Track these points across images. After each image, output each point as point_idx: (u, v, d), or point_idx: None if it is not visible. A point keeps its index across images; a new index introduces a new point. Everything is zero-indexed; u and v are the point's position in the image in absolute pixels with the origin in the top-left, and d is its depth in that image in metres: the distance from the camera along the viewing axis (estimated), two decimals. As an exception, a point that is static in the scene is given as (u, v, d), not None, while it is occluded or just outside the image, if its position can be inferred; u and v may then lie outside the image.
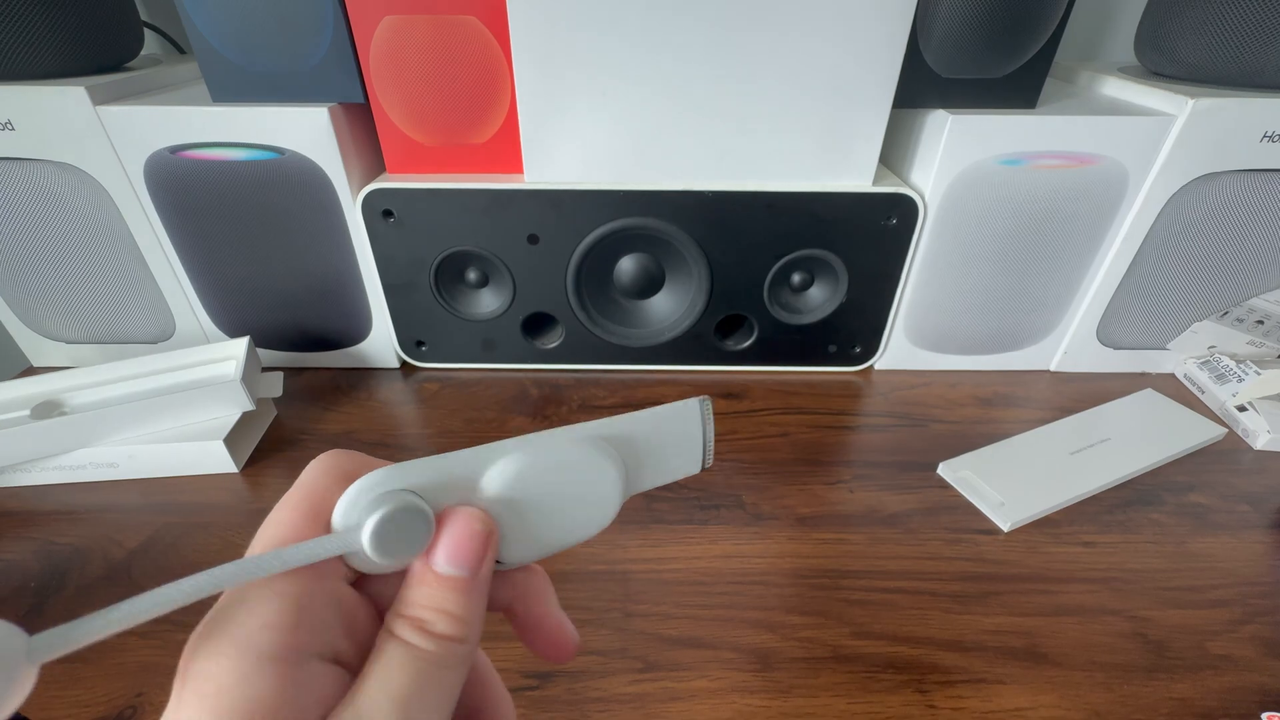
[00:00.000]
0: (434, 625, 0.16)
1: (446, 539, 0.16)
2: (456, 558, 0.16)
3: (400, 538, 0.16)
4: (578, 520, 0.19)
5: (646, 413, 0.20)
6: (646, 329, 0.55)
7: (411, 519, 0.16)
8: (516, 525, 0.18)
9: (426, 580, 0.16)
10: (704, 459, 0.21)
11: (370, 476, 0.16)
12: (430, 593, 0.16)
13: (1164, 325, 0.54)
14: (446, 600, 0.16)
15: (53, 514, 0.42)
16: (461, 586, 0.16)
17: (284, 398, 0.50)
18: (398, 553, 0.16)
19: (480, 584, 0.17)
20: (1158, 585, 0.38)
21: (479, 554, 0.16)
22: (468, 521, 0.17)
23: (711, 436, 0.20)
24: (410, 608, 0.16)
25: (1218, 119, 0.44)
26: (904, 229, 0.49)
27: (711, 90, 0.44)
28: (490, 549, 0.17)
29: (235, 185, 0.47)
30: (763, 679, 0.33)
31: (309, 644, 0.14)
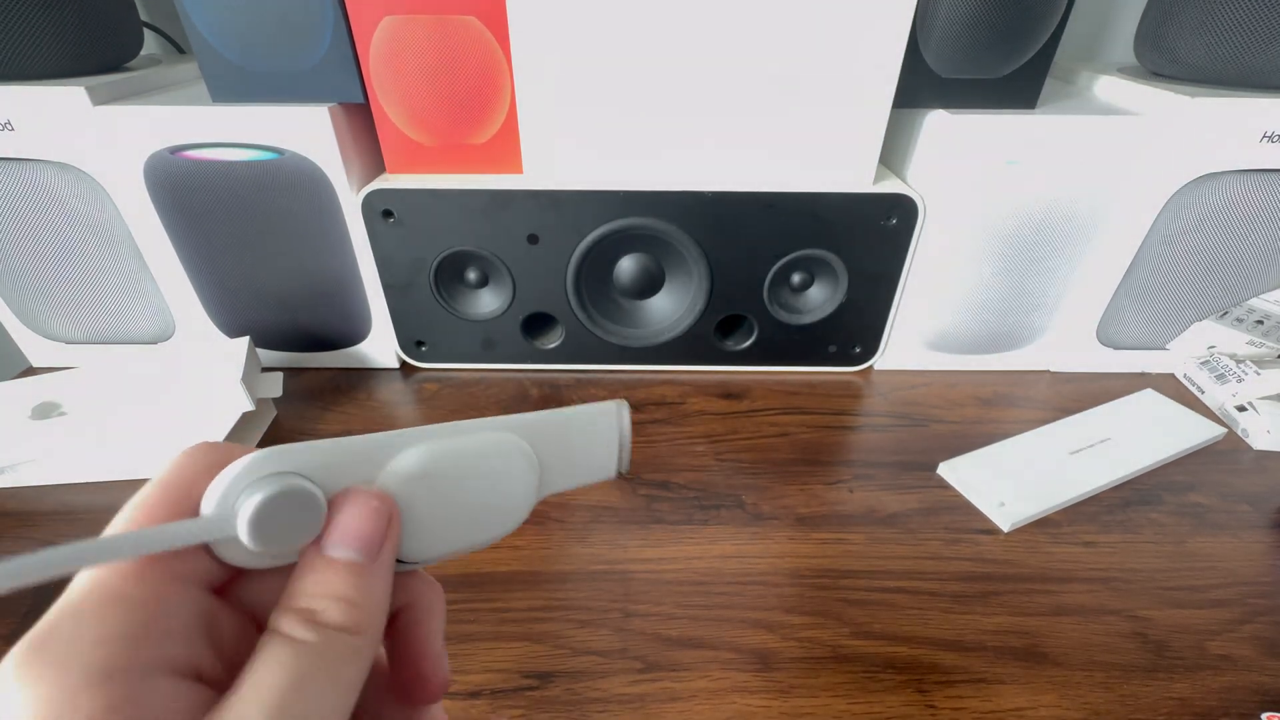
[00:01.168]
0: (324, 614, 0.14)
1: (341, 519, 0.15)
2: (352, 539, 0.14)
3: (285, 524, 0.14)
4: (486, 516, 0.17)
5: (563, 411, 0.19)
6: (646, 329, 0.55)
7: (299, 503, 0.14)
8: (419, 517, 0.16)
9: (315, 567, 0.14)
10: (619, 464, 0.20)
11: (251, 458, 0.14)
12: (320, 579, 0.14)
13: (1164, 325, 0.54)
14: (339, 585, 0.14)
15: (53, 514, 0.42)
16: (357, 570, 0.14)
17: (284, 398, 0.50)
18: (281, 540, 0.14)
19: (380, 570, 0.15)
20: (1158, 585, 0.38)
21: (378, 535, 0.15)
22: (365, 499, 0.15)
23: (629, 442, 0.19)
24: (296, 599, 0.14)
25: (1218, 119, 0.44)
26: (904, 229, 0.49)
27: (711, 90, 0.44)
28: (391, 533, 0.15)
29: (235, 185, 0.47)
30: (763, 679, 0.33)
31: (156, 659, 0.12)
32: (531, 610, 0.36)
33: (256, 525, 0.14)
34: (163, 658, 0.12)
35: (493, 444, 0.17)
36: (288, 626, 0.13)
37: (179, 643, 0.13)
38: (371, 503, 0.15)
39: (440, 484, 0.16)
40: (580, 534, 0.40)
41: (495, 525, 0.18)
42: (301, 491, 0.14)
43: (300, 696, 0.12)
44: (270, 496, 0.14)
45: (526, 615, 0.36)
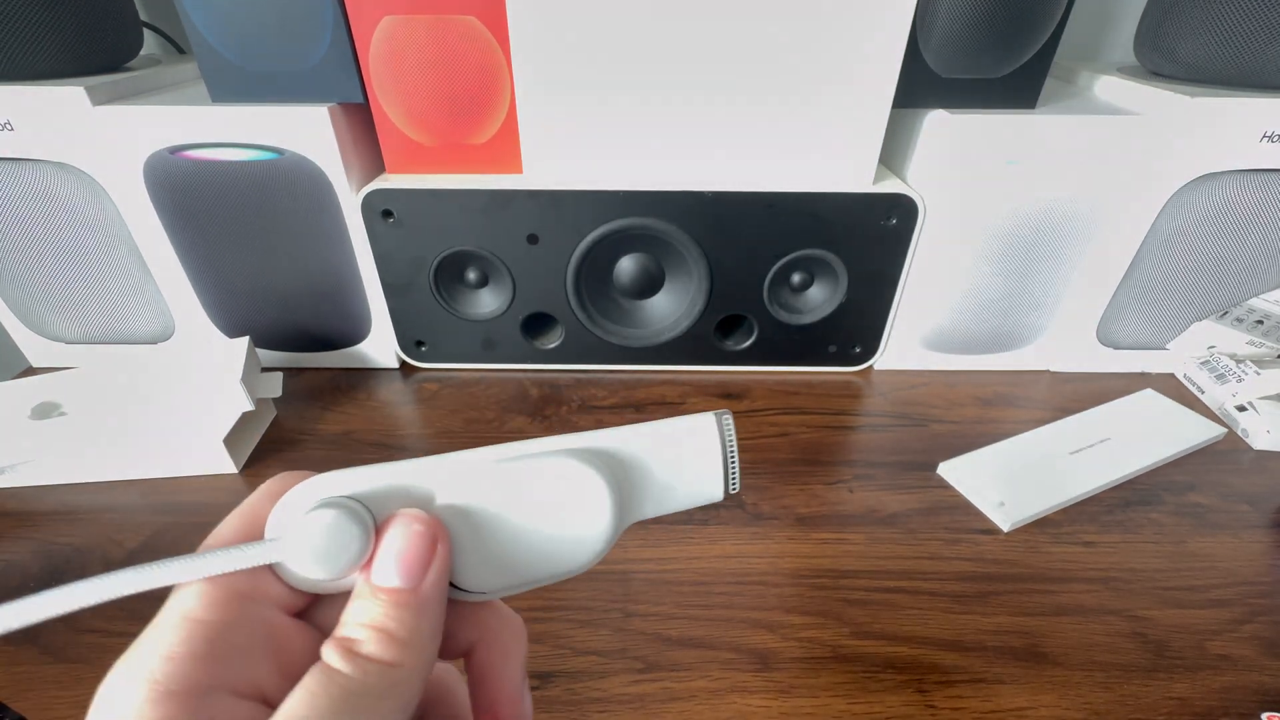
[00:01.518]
0: (363, 645, 0.13)
1: (385, 544, 0.14)
2: (395, 565, 0.14)
3: (333, 547, 0.14)
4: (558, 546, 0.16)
5: (651, 426, 0.17)
6: (646, 329, 0.55)
7: (346, 526, 0.14)
8: (478, 543, 0.15)
9: (361, 593, 0.14)
10: (727, 483, 0.18)
11: (308, 483, 0.15)
12: (363, 606, 0.14)
13: (1164, 325, 0.54)
14: (381, 615, 0.14)
15: (52, 514, 0.42)
16: (401, 600, 0.14)
17: (284, 398, 0.50)
18: (331, 564, 0.14)
19: (426, 600, 0.14)
20: (1158, 585, 0.38)
21: (421, 561, 0.14)
22: (409, 522, 0.15)
23: (735, 457, 0.17)
24: (342, 627, 0.14)
25: (1218, 119, 0.44)
26: (904, 229, 0.49)
27: (711, 90, 0.44)
28: (438, 559, 0.15)
29: (235, 185, 0.47)
30: (763, 679, 0.33)
31: (220, 677, 0.13)
32: (531, 610, 0.36)
33: (306, 550, 0.14)
34: (224, 677, 0.13)
35: (555, 469, 0.16)
36: (328, 655, 0.13)
37: (241, 664, 0.13)
38: (415, 526, 0.15)
39: (497, 509, 0.16)
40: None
41: (565, 556, 0.16)
42: (349, 516, 0.14)
43: None
44: (317, 521, 0.14)
45: (526, 615, 0.35)
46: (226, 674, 0.13)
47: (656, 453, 0.17)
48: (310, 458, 0.47)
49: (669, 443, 0.17)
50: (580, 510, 0.16)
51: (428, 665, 0.14)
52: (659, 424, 0.17)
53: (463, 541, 0.15)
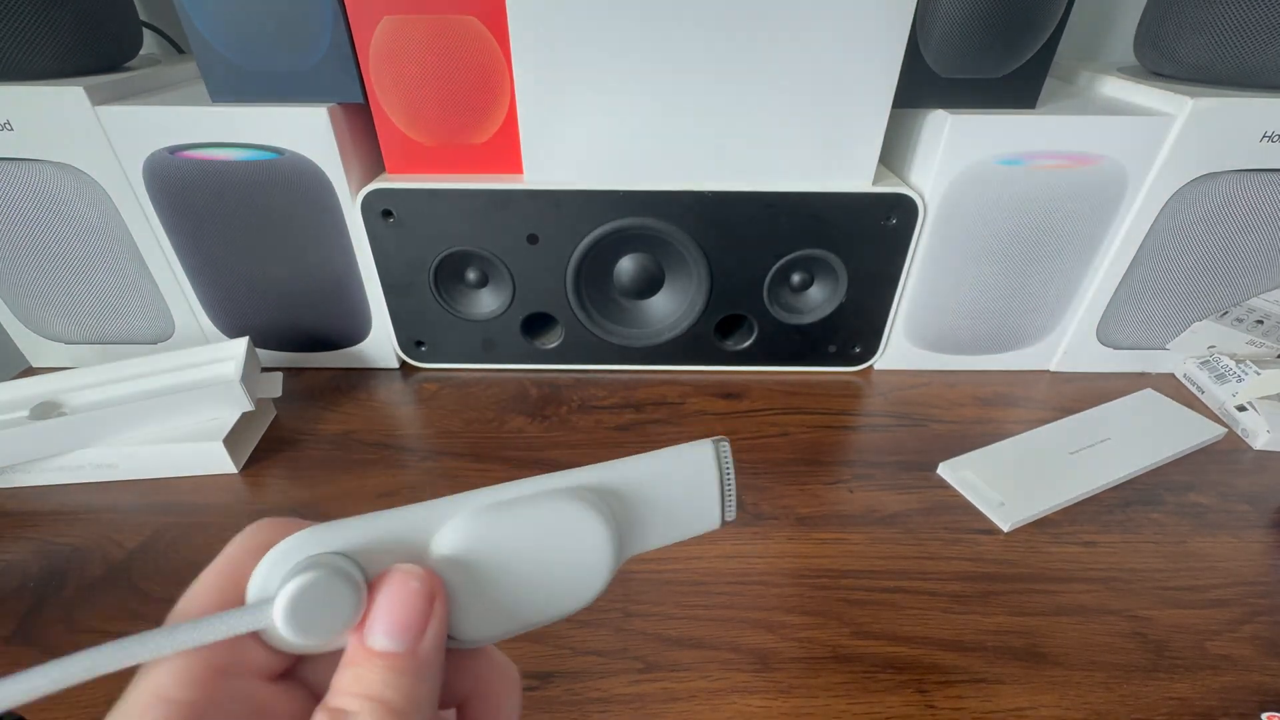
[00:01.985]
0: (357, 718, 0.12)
1: (379, 604, 0.13)
2: (389, 626, 0.13)
3: (322, 610, 0.13)
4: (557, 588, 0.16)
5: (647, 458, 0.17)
6: (646, 329, 0.55)
7: (335, 586, 0.13)
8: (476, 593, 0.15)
9: (354, 659, 0.13)
10: (723, 512, 0.17)
11: (292, 539, 0.14)
12: (357, 675, 0.13)
13: (1164, 325, 0.54)
14: (377, 683, 0.13)
15: (52, 514, 0.42)
16: (398, 665, 0.13)
17: (283, 398, 0.50)
18: (320, 629, 0.13)
19: (424, 662, 0.13)
20: (1158, 585, 0.38)
21: (418, 621, 0.13)
22: (404, 580, 0.14)
23: (732, 484, 0.17)
24: (333, 695, 0.13)
25: (1218, 119, 0.44)
26: (904, 229, 0.49)
27: (711, 90, 0.44)
28: (435, 617, 0.14)
29: (235, 185, 0.47)
30: (763, 679, 0.33)
31: None
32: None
33: (293, 615, 0.13)
34: None
35: (552, 511, 0.16)
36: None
37: None
38: (410, 584, 0.14)
39: (494, 557, 0.15)
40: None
41: (564, 597, 0.16)
42: (339, 577, 0.13)
43: None
44: (304, 585, 0.13)
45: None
46: None
47: (653, 485, 0.17)
48: (310, 458, 0.47)
49: (666, 473, 0.17)
50: (579, 551, 0.16)
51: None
52: (655, 456, 0.17)
53: (459, 592, 0.15)
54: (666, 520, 0.17)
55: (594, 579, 0.16)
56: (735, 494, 0.17)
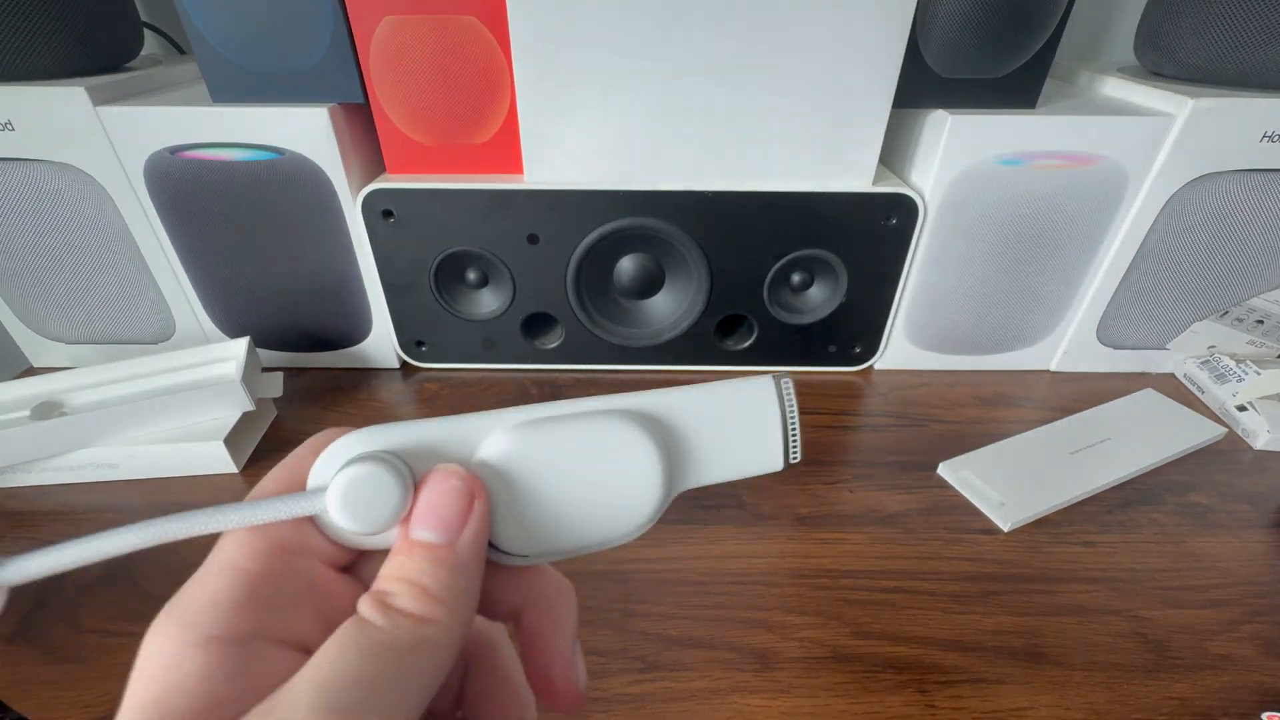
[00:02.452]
0: (396, 598, 0.13)
1: (421, 498, 0.14)
2: (429, 518, 0.14)
3: (371, 500, 0.14)
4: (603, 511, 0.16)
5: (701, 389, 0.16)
6: (646, 329, 0.55)
7: (384, 479, 0.14)
8: (519, 504, 0.15)
9: (399, 548, 0.14)
10: (786, 453, 0.17)
11: (347, 438, 0.15)
12: (399, 561, 0.14)
13: (1164, 325, 0.54)
14: (415, 570, 0.14)
15: (53, 514, 0.42)
16: (436, 556, 0.14)
17: (284, 398, 0.50)
18: (369, 516, 0.14)
19: (462, 557, 0.14)
20: (1158, 585, 0.38)
21: (457, 517, 0.14)
22: (445, 478, 0.14)
23: (796, 424, 0.16)
24: (378, 580, 0.14)
25: (1218, 119, 0.44)
26: (904, 229, 0.49)
27: (711, 90, 0.44)
28: (475, 516, 0.14)
29: (235, 185, 0.47)
30: (763, 679, 0.33)
31: (261, 625, 0.13)
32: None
33: (345, 501, 0.14)
34: (265, 625, 0.13)
35: (602, 428, 0.15)
36: (362, 607, 0.13)
37: (282, 613, 0.14)
38: (451, 481, 0.14)
39: (538, 469, 0.15)
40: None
41: (611, 522, 0.16)
42: (388, 469, 0.14)
43: (354, 680, 0.12)
44: (355, 475, 0.14)
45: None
46: (267, 622, 0.13)
47: (710, 418, 0.16)
48: (310, 458, 0.47)
49: (724, 408, 0.16)
50: (627, 474, 0.16)
51: (463, 624, 0.14)
52: (713, 387, 0.17)
53: (502, 501, 0.15)
54: (723, 456, 0.16)
55: (642, 504, 0.16)
56: (799, 435, 0.17)
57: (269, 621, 0.13)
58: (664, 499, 0.16)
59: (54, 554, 0.13)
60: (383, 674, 0.12)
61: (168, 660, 0.12)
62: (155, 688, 0.12)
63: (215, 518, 0.14)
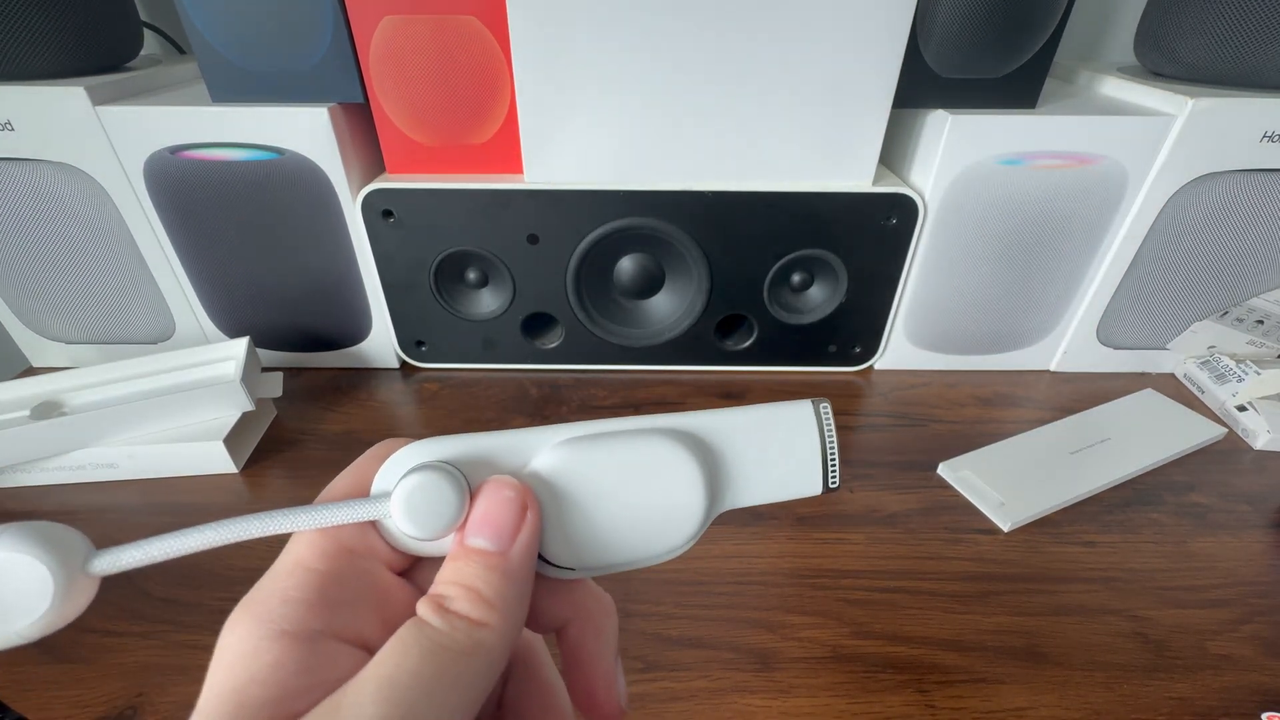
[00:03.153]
0: (453, 602, 0.14)
1: (477, 507, 0.15)
2: (484, 526, 0.15)
3: (430, 507, 0.15)
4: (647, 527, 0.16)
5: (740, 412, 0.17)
6: (646, 329, 0.55)
7: (443, 488, 0.15)
8: (568, 517, 0.16)
9: (456, 555, 0.15)
10: (825, 477, 0.17)
11: (409, 449, 0.16)
12: (455, 566, 0.15)
13: (1164, 325, 0.54)
14: (471, 575, 0.14)
15: (53, 514, 0.42)
16: (490, 562, 0.15)
17: (284, 398, 0.50)
18: (427, 523, 0.15)
19: (514, 564, 0.15)
20: (1158, 585, 0.38)
21: (511, 526, 0.15)
22: (499, 488, 0.15)
23: (835, 448, 0.17)
24: (436, 585, 0.15)
25: (1218, 119, 0.44)
26: (904, 229, 0.49)
27: (711, 90, 0.44)
28: (527, 525, 0.15)
29: (235, 185, 0.47)
30: (763, 679, 0.33)
31: (329, 623, 0.14)
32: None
33: (407, 506, 0.15)
34: (332, 624, 0.14)
35: (647, 447, 0.16)
36: (421, 609, 0.14)
37: (348, 612, 0.14)
38: (505, 492, 0.15)
39: (588, 483, 0.16)
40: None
41: (655, 538, 0.16)
42: (446, 478, 0.15)
43: (415, 678, 0.13)
44: (415, 481, 0.15)
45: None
46: (334, 621, 0.14)
47: (751, 441, 0.17)
48: (311, 458, 0.47)
49: (765, 430, 0.17)
50: (672, 492, 0.16)
51: (514, 629, 0.15)
52: (754, 410, 0.17)
53: (552, 513, 0.16)
54: (763, 478, 0.17)
55: (685, 522, 0.16)
56: (838, 459, 0.17)
57: (335, 620, 0.14)
58: (706, 518, 0.17)
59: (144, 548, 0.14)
60: (442, 674, 0.13)
61: (245, 650, 0.13)
62: (234, 677, 0.13)
63: (289, 519, 0.14)
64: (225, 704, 0.12)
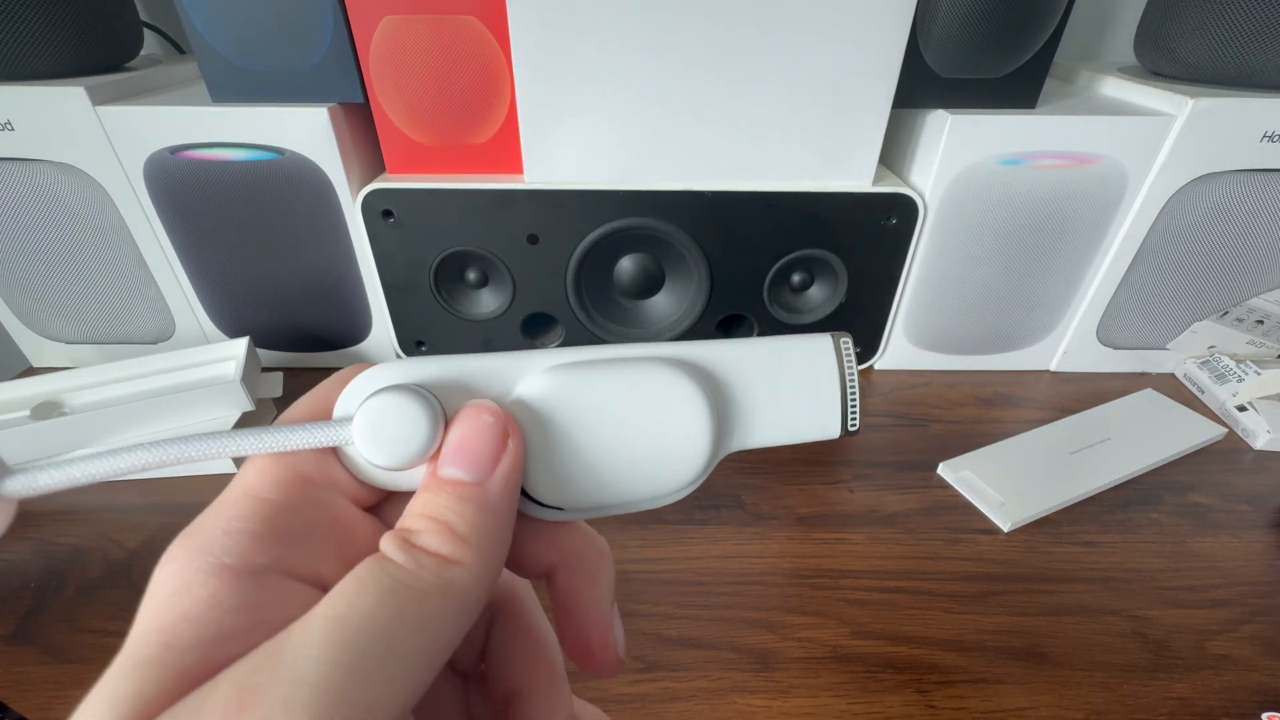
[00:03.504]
0: (421, 536, 0.12)
1: (452, 434, 0.13)
2: (459, 455, 0.13)
3: (398, 433, 0.13)
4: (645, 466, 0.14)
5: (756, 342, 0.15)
6: (646, 329, 0.55)
7: (413, 411, 0.13)
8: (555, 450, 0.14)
9: (428, 486, 0.13)
10: (844, 419, 0.15)
11: (376, 369, 0.14)
12: (426, 498, 0.13)
13: (1164, 325, 0.54)
14: (442, 508, 0.13)
15: (53, 514, 0.42)
16: (465, 494, 0.13)
17: (284, 398, 0.50)
18: (395, 451, 0.13)
19: (492, 497, 0.13)
20: (1158, 585, 0.38)
21: (489, 454, 0.13)
22: (477, 413, 0.13)
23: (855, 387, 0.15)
24: (404, 519, 0.13)
25: (1218, 119, 0.44)
26: (904, 229, 0.49)
27: (711, 90, 0.44)
28: (508, 455, 0.13)
29: (235, 185, 0.47)
30: (763, 679, 0.33)
31: (277, 558, 0.12)
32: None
33: (370, 432, 0.13)
34: (281, 558, 0.12)
35: (648, 376, 0.14)
36: (385, 544, 0.13)
37: (300, 547, 0.13)
38: (484, 416, 0.13)
39: (578, 413, 0.14)
40: (580, 534, 0.40)
41: (653, 479, 0.14)
42: (416, 400, 0.13)
43: (370, 620, 0.11)
44: (381, 403, 0.13)
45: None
46: (284, 555, 0.12)
47: (764, 375, 0.15)
48: (310, 458, 0.47)
49: (779, 365, 0.15)
50: (674, 427, 0.14)
51: (491, 569, 0.13)
52: (769, 342, 0.15)
53: (538, 445, 0.14)
54: (776, 417, 0.15)
55: (688, 461, 0.15)
56: (859, 401, 0.15)
57: (286, 554, 0.12)
58: (711, 457, 0.15)
59: (64, 469, 0.12)
60: (402, 615, 0.11)
61: (178, 585, 0.12)
62: (162, 616, 0.11)
63: (234, 441, 0.13)
64: (149, 645, 0.11)
